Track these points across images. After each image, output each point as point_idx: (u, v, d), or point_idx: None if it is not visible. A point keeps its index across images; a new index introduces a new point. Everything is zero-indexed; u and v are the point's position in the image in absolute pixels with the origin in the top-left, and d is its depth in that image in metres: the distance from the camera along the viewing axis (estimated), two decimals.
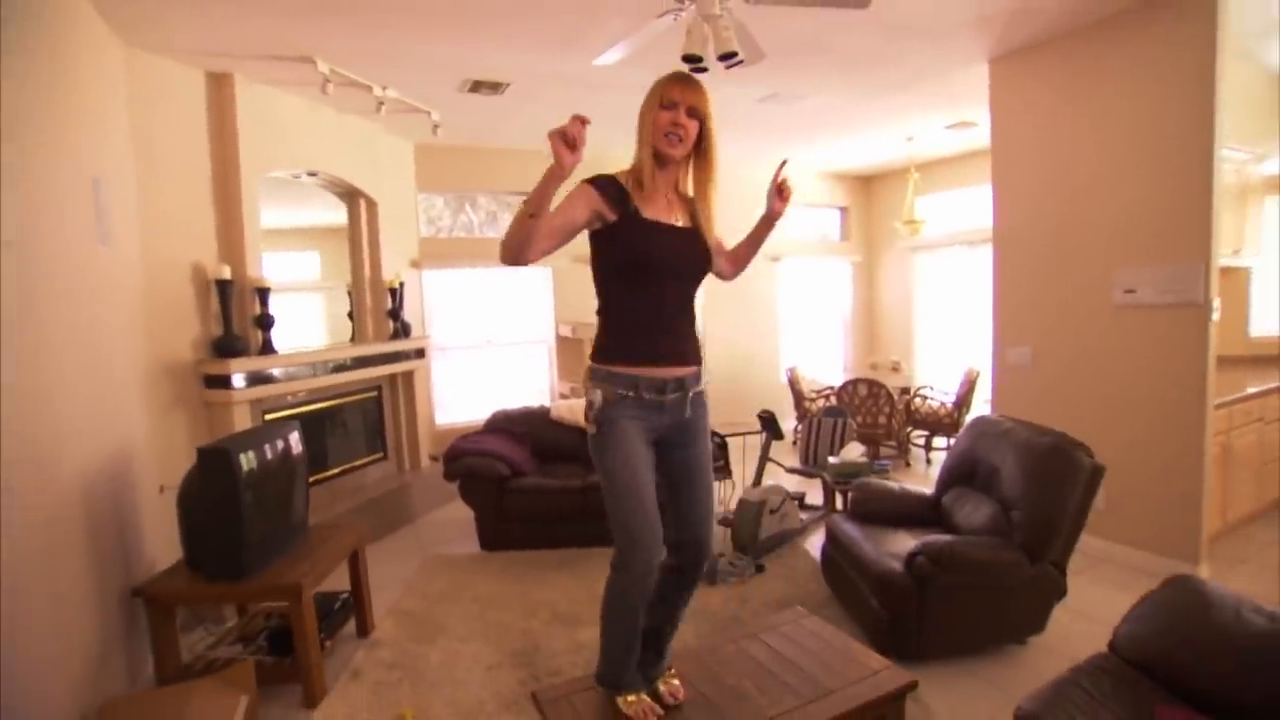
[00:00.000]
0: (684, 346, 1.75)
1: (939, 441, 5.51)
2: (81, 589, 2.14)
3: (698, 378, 1.79)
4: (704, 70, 2.45)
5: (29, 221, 1.98)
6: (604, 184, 1.68)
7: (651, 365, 1.70)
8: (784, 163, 1.85)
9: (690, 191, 1.80)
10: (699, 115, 1.70)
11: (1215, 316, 3.01)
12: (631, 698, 1.82)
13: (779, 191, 1.82)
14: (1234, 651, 1.61)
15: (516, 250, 1.56)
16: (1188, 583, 1.87)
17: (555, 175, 1.49)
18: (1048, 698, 1.65)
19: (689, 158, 1.76)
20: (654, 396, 1.69)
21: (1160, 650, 1.74)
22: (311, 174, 4.13)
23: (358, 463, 4.42)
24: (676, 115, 1.67)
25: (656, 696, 1.84)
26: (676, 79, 1.73)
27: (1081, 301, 3.44)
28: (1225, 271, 3.23)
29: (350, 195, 4.47)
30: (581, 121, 1.46)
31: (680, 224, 1.76)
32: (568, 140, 1.45)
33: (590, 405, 1.70)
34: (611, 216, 1.67)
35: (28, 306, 1.94)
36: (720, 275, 1.96)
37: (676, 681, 1.90)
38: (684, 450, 1.79)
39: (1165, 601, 1.86)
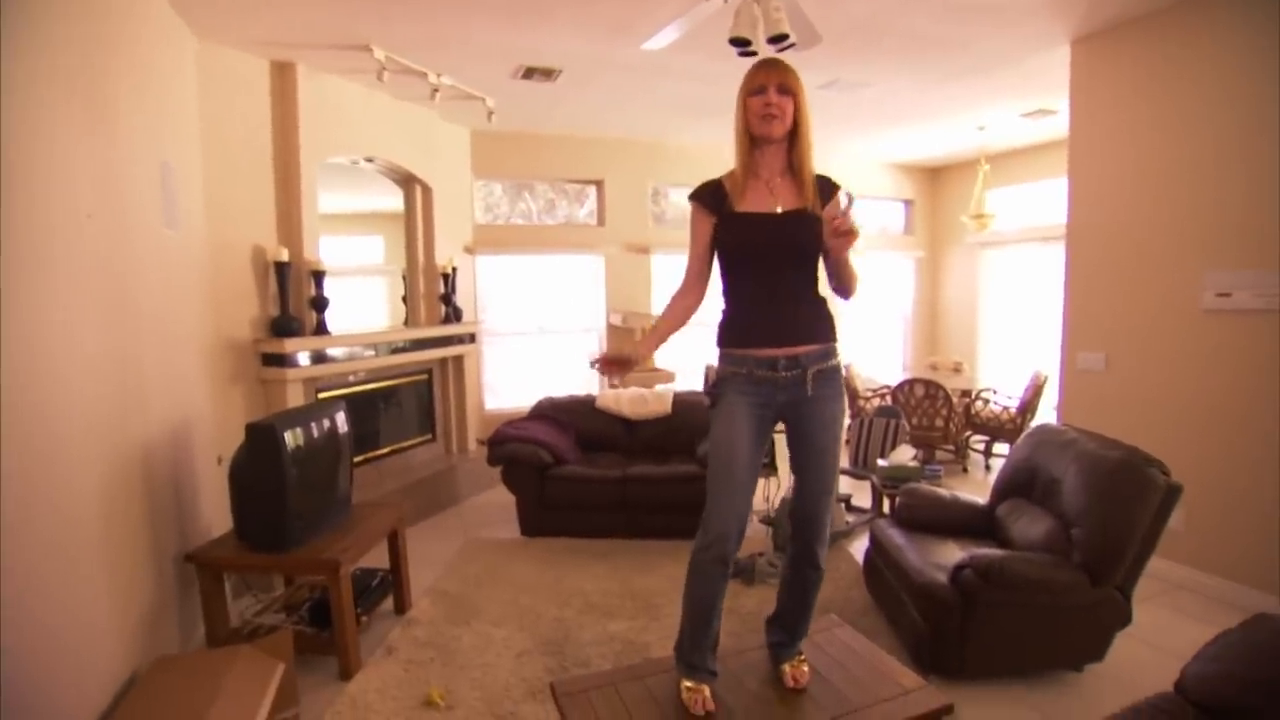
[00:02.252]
0: (795, 326, 1.77)
1: (1000, 448, 5.23)
2: (140, 551, 2.26)
3: (822, 355, 1.79)
4: (753, 54, 2.36)
5: (106, 201, 2.09)
6: (703, 194, 1.82)
7: (759, 346, 1.76)
8: (850, 199, 1.72)
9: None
10: (790, 91, 1.73)
11: None
12: (689, 683, 1.80)
13: (834, 229, 1.65)
14: None
15: (688, 315, 1.92)
16: (1272, 622, 1.68)
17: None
18: None
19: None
20: (766, 373, 1.75)
21: (1233, 695, 1.56)
22: (369, 160, 4.23)
23: (407, 444, 4.54)
24: (768, 97, 1.72)
25: (781, 677, 1.89)
26: (760, 65, 1.77)
27: (1164, 305, 3.17)
28: None
29: (406, 181, 4.56)
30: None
31: (782, 210, 1.77)
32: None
33: (707, 380, 1.85)
34: (714, 218, 1.81)
35: (103, 281, 2.06)
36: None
37: (805, 668, 1.90)
38: (803, 431, 1.81)
39: (1244, 641, 1.67)
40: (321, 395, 3.75)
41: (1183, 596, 3.03)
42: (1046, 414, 4.79)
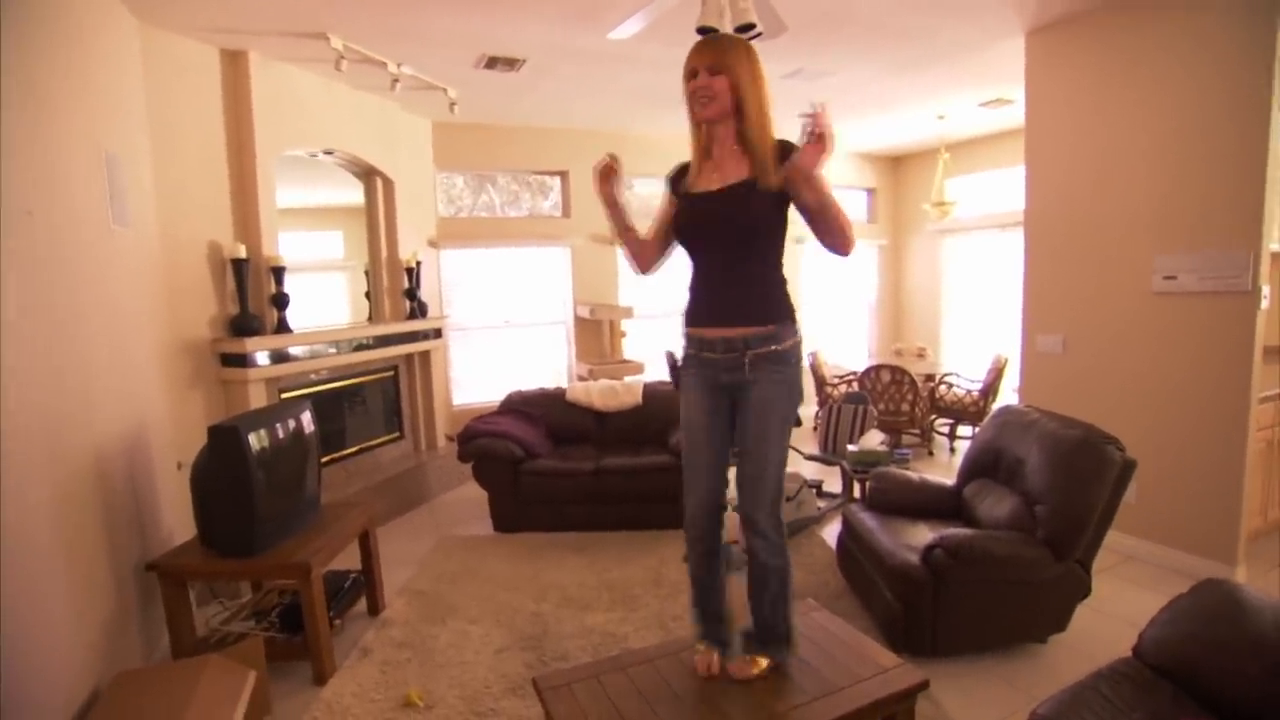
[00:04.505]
0: (732, 306, 1.73)
1: (964, 430, 5.38)
2: (96, 562, 2.18)
3: (763, 338, 1.71)
4: None
5: (44, 196, 1.99)
6: (671, 176, 1.86)
7: (702, 325, 1.79)
8: (821, 105, 1.51)
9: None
10: (723, 69, 1.67)
11: (1264, 305, 2.85)
12: (700, 646, 1.93)
13: (808, 131, 1.50)
14: (1265, 659, 1.52)
15: (635, 265, 1.92)
16: (1221, 586, 1.76)
17: (604, 204, 1.83)
18: (1065, 703, 1.57)
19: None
20: (709, 355, 1.78)
21: (1188, 657, 1.65)
22: (328, 153, 4.11)
23: (374, 442, 4.45)
24: (698, 80, 1.70)
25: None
26: (695, 47, 1.74)
27: (1118, 288, 3.29)
28: (1276, 257, 3.05)
29: (367, 174, 4.45)
30: (610, 157, 1.77)
31: (723, 186, 1.72)
32: (601, 173, 1.78)
33: (671, 365, 1.90)
34: (676, 199, 1.84)
35: (45, 281, 1.96)
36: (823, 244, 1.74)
37: (754, 671, 1.83)
38: (742, 414, 1.77)
39: (1195, 606, 1.76)
40: (284, 395, 3.65)
41: (1135, 567, 3.17)
42: (1008, 396, 4.94)
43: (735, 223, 1.71)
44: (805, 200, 1.63)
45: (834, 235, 1.65)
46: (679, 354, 1.90)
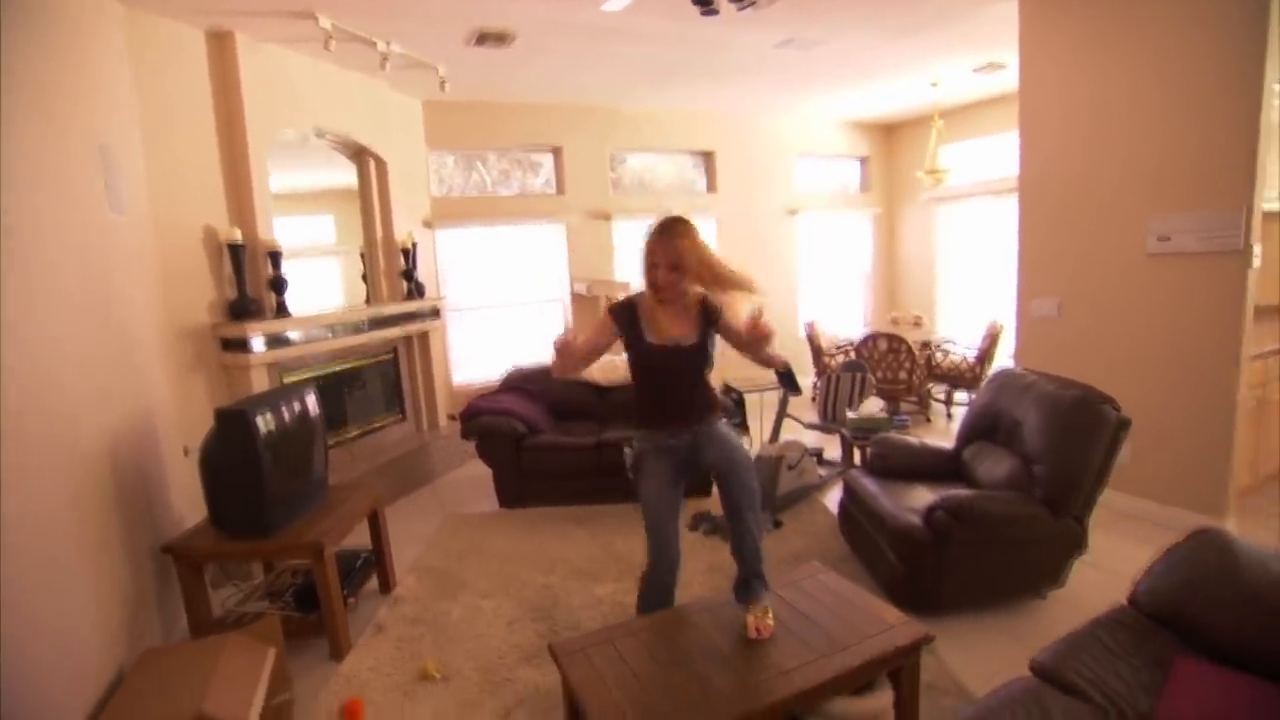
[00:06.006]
0: (684, 415, 2.16)
1: (960, 396, 5.43)
2: (112, 546, 2.21)
3: (706, 423, 2.17)
4: (714, 13, 2.34)
5: (38, 192, 1.98)
6: (618, 312, 2.14)
7: (660, 428, 2.16)
8: (759, 310, 2.01)
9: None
10: (679, 267, 2.00)
11: (1256, 264, 2.88)
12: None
13: (758, 336, 2.00)
14: (1259, 604, 1.58)
15: (560, 371, 2.11)
16: (1213, 535, 1.82)
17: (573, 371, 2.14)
18: (1064, 650, 1.63)
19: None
20: (670, 441, 2.16)
21: (1181, 603, 1.71)
22: (319, 134, 4.07)
23: (377, 424, 4.47)
24: (656, 275, 2.03)
25: (745, 628, 1.94)
26: (655, 234, 2.03)
27: (1112, 251, 3.31)
28: (1269, 216, 3.08)
29: (359, 154, 4.41)
30: (561, 340, 2.00)
31: (674, 343, 2.08)
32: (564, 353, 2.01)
33: (629, 455, 2.24)
34: (621, 336, 2.14)
35: (53, 272, 1.96)
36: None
37: (770, 620, 1.94)
38: (703, 456, 2.18)
39: (1188, 554, 1.82)
40: (287, 379, 3.66)
41: (1131, 524, 3.24)
42: (1003, 362, 4.98)
43: (682, 370, 2.14)
44: (757, 349, 2.09)
45: (768, 363, 2.19)
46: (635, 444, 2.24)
